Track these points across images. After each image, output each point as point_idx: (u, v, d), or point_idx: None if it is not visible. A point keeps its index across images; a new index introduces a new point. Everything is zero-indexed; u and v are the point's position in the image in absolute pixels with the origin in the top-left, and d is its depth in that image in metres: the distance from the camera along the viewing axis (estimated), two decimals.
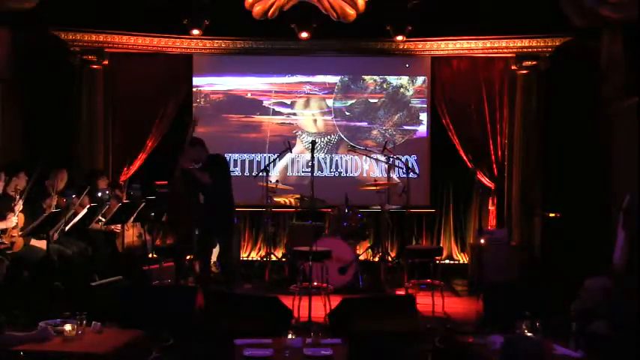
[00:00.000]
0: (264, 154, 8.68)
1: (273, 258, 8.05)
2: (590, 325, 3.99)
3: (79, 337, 4.16)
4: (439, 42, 8.31)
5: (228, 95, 8.75)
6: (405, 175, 7.40)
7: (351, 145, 8.44)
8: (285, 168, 8.76)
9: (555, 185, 8.04)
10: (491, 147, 8.47)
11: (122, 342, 4.26)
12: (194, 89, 8.70)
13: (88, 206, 6.47)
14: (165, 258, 6.81)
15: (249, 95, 8.75)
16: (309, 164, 6.27)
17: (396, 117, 8.74)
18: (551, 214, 7.84)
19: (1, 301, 5.30)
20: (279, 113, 8.75)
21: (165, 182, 7.38)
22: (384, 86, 8.77)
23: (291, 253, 7.46)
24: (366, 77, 8.77)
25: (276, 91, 8.75)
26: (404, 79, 8.75)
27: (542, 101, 8.15)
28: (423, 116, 8.71)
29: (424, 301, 6.43)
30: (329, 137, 8.77)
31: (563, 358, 3.98)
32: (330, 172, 8.76)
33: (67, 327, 4.16)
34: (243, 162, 8.72)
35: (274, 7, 6.96)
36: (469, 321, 5.95)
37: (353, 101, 8.77)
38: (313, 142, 6.20)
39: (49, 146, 7.83)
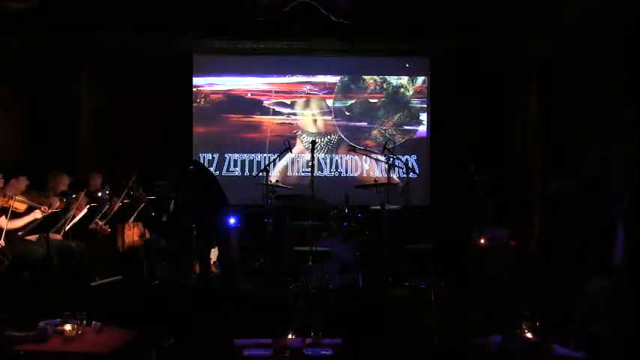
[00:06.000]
0: (264, 154, 8.68)
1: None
2: (590, 325, 3.99)
3: (79, 337, 4.16)
4: (439, 42, 8.30)
5: (228, 95, 8.74)
6: (405, 175, 7.40)
7: (351, 145, 8.43)
8: (285, 168, 8.75)
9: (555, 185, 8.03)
10: (492, 147, 8.47)
11: (122, 342, 4.26)
12: (194, 89, 8.69)
13: (88, 206, 6.46)
14: (165, 258, 6.80)
15: (249, 95, 8.74)
16: (309, 164, 6.27)
17: (396, 117, 8.73)
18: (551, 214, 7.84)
19: (1, 301, 5.30)
20: (279, 113, 8.74)
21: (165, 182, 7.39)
22: (384, 86, 8.76)
23: (291, 253, 7.44)
24: (366, 77, 8.77)
25: (276, 91, 8.74)
26: (404, 79, 8.75)
27: (542, 101, 8.15)
28: (423, 116, 8.71)
29: (424, 301, 6.43)
30: (329, 137, 8.76)
31: (563, 358, 3.98)
32: (330, 172, 8.76)
33: (67, 327, 4.17)
34: (243, 162, 8.71)
35: None
36: (469, 321, 5.94)
37: (353, 101, 8.76)
38: (313, 142, 6.21)
39: (49, 146, 7.85)
